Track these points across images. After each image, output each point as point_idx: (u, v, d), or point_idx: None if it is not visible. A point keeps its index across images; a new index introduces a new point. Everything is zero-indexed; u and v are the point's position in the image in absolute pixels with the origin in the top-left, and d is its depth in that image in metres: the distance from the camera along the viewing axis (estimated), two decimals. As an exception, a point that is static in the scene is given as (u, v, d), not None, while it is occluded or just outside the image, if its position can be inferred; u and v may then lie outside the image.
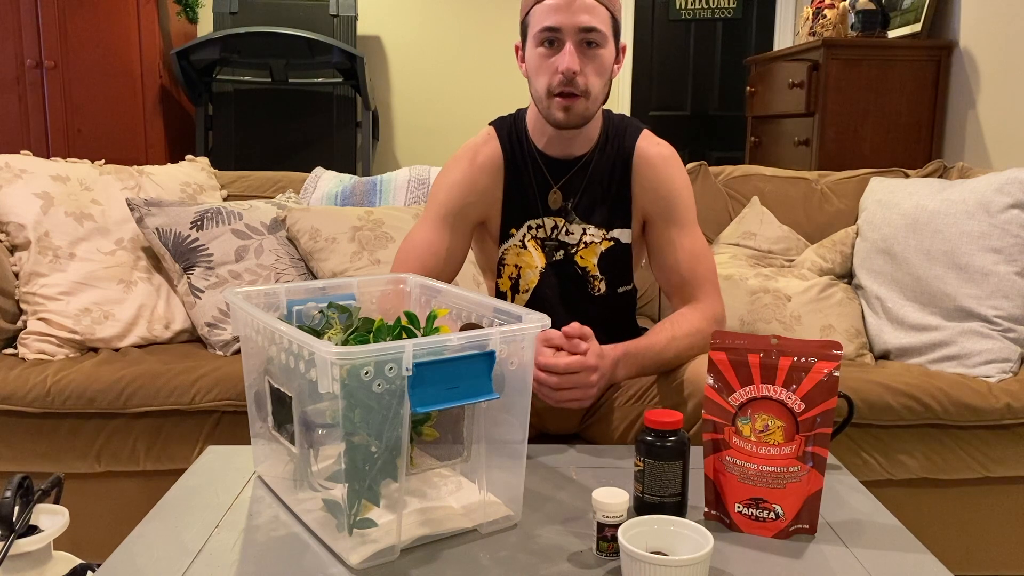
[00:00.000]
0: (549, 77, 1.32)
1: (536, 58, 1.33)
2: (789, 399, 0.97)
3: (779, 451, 0.98)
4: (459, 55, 4.44)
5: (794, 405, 0.97)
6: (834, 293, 2.04)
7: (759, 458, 0.99)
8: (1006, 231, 1.88)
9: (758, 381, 0.99)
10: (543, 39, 1.31)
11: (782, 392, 0.98)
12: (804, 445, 0.98)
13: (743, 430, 1.00)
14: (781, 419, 0.98)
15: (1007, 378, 1.80)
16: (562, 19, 1.28)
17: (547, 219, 1.45)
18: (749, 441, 0.99)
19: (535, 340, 0.99)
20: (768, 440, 0.98)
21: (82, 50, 3.54)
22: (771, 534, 1.00)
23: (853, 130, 2.83)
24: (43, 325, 1.88)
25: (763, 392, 0.99)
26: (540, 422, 1.51)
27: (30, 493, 0.98)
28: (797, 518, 0.99)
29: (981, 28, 2.69)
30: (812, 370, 0.97)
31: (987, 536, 1.81)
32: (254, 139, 3.85)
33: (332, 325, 1.07)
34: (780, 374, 0.98)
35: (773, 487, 0.99)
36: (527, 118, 1.47)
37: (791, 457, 0.98)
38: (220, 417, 1.76)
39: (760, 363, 0.99)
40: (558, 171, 1.44)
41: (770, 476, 0.99)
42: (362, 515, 0.91)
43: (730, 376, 1.01)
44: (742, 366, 1.00)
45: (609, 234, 1.46)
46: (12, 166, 2.03)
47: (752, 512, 1.00)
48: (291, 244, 2.09)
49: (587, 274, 1.47)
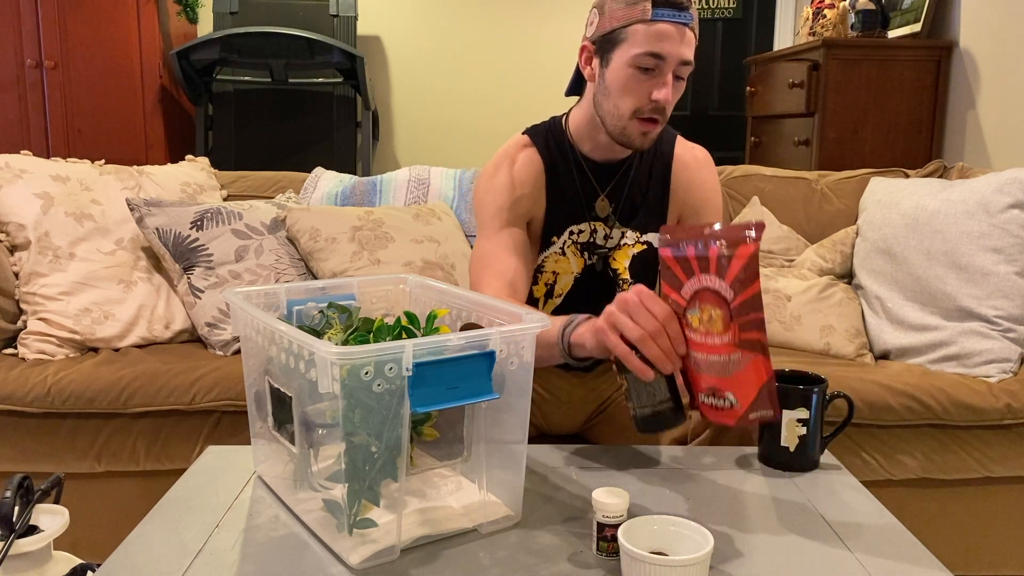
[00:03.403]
0: (639, 101, 1.28)
1: (627, 78, 1.28)
2: (721, 288, 0.97)
3: (720, 340, 0.98)
4: (459, 55, 4.44)
5: (725, 292, 0.97)
6: (834, 293, 2.04)
7: (707, 348, 1.00)
8: (1006, 231, 1.88)
9: (697, 272, 0.99)
10: (643, 63, 1.26)
11: (715, 280, 0.98)
12: (740, 331, 0.97)
13: (692, 321, 1.01)
14: (720, 307, 0.98)
15: (1007, 378, 1.80)
16: (670, 49, 1.25)
17: (589, 224, 1.43)
18: (698, 332, 1.00)
19: (534, 339, 0.99)
20: (712, 330, 0.99)
21: (82, 50, 3.54)
22: (732, 421, 1.01)
23: (853, 130, 2.83)
24: (43, 325, 1.88)
25: (703, 283, 0.99)
26: (540, 422, 1.51)
27: (30, 493, 0.98)
28: (754, 405, 0.99)
29: (981, 28, 2.69)
30: (735, 255, 0.96)
31: (987, 536, 1.81)
32: (254, 139, 3.85)
33: (332, 325, 1.07)
34: (711, 264, 0.98)
35: (722, 376, 0.99)
36: (570, 123, 1.43)
37: (731, 345, 0.98)
38: (220, 417, 1.76)
39: (696, 256, 0.99)
40: (603, 176, 1.43)
41: (717, 365, 0.99)
42: (362, 515, 0.91)
43: (676, 270, 1.02)
44: (683, 260, 1.01)
45: (643, 237, 1.45)
46: (12, 166, 2.03)
47: (712, 401, 1.02)
48: (291, 244, 2.09)
49: (617, 277, 1.46)
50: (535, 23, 4.44)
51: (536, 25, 4.44)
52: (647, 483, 1.12)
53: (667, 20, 1.24)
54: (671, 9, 1.24)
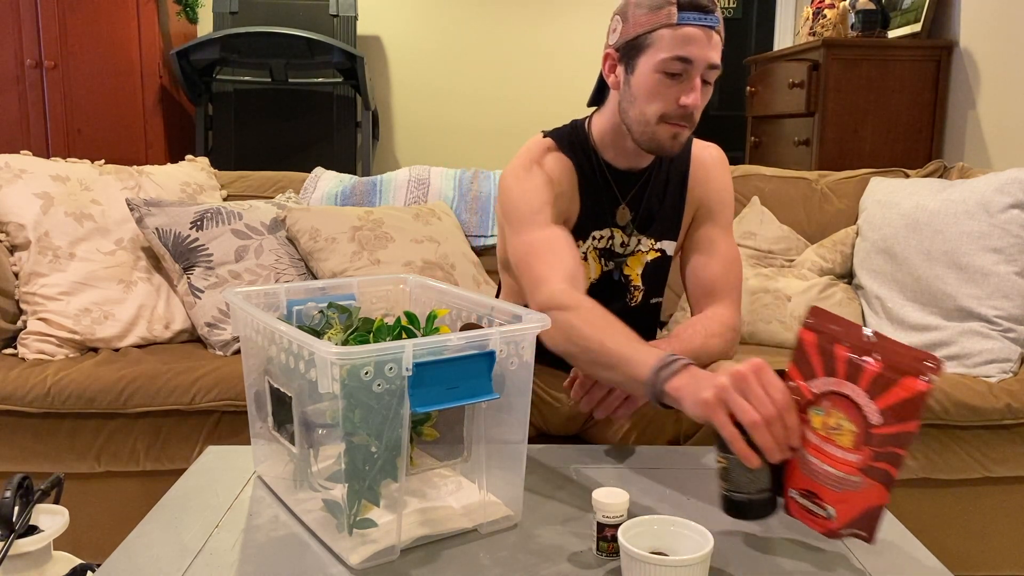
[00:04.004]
0: (667, 105, 1.26)
1: (654, 83, 1.26)
2: (867, 407, 0.87)
3: (843, 455, 0.88)
4: (459, 55, 4.44)
5: (871, 415, 0.87)
6: (834, 293, 2.04)
7: (823, 455, 0.90)
8: (1006, 231, 1.88)
9: (841, 375, 0.89)
10: (670, 68, 1.24)
11: (862, 396, 0.87)
12: (871, 459, 0.87)
13: (814, 420, 0.91)
14: (855, 423, 0.87)
15: (1007, 378, 1.80)
16: (697, 52, 1.23)
17: (610, 231, 1.42)
18: (817, 434, 0.91)
19: (534, 338, 0.99)
20: (836, 440, 0.89)
21: (82, 50, 3.54)
22: (821, 530, 0.93)
23: (853, 130, 2.83)
24: (43, 325, 1.88)
25: (843, 389, 0.88)
26: (540, 422, 1.51)
27: (30, 493, 0.98)
28: (852, 524, 0.91)
29: (981, 28, 2.69)
30: (900, 383, 0.85)
31: (987, 536, 1.81)
32: (254, 139, 3.85)
33: (332, 325, 1.07)
34: (865, 377, 0.87)
35: (830, 487, 0.90)
36: (592, 129, 1.41)
37: (854, 466, 0.88)
38: (220, 417, 1.76)
39: (847, 359, 0.88)
40: (623, 184, 1.41)
41: (828, 476, 0.90)
42: (362, 515, 0.91)
43: (815, 360, 0.91)
44: (828, 354, 0.90)
45: (657, 244, 1.45)
46: (12, 166, 2.03)
47: (805, 503, 0.93)
48: (291, 244, 2.09)
49: (629, 283, 1.45)
50: (535, 23, 4.44)
51: (536, 25, 4.44)
52: (647, 483, 1.12)
53: (693, 24, 1.22)
54: (697, 12, 1.22)
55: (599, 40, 4.53)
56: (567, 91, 4.53)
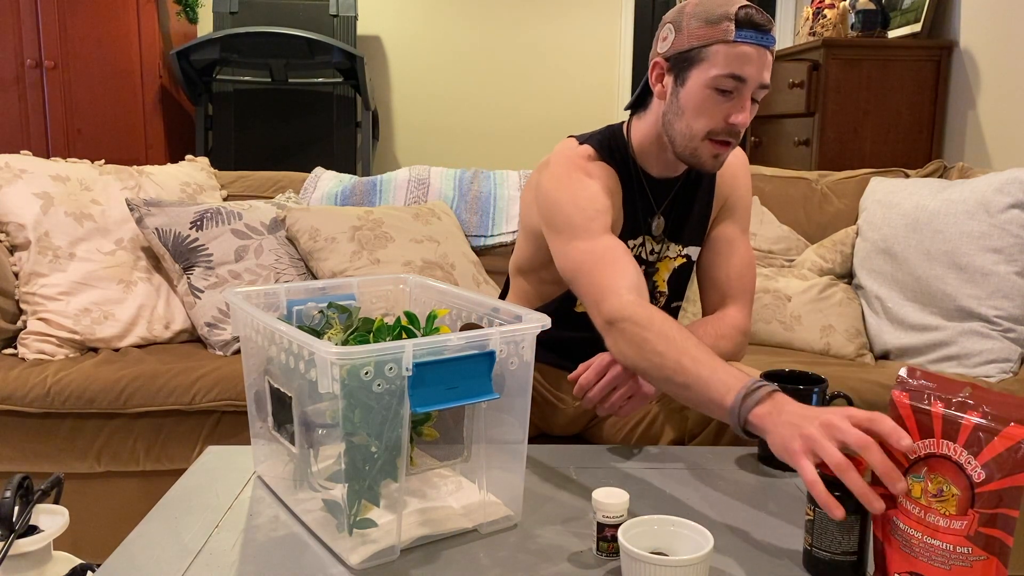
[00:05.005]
0: (715, 122, 1.24)
1: (704, 99, 1.23)
2: (968, 464, 0.79)
3: (948, 524, 0.80)
4: (459, 55, 4.44)
5: (972, 472, 0.79)
6: (834, 293, 2.04)
7: (925, 527, 0.81)
8: (1006, 231, 1.88)
9: (939, 435, 0.81)
10: (723, 85, 1.22)
11: (961, 454, 0.80)
12: (978, 523, 0.78)
13: (914, 490, 0.83)
14: (958, 486, 0.80)
15: (1007, 378, 1.80)
16: (752, 72, 1.21)
17: (642, 238, 1.41)
18: (918, 504, 0.82)
19: (534, 339, 0.99)
20: (939, 508, 0.81)
21: (82, 50, 3.54)
22: None
23: (853, 130, 2.83)
24: (43, 325, 1.88)
25: (942, 450, 0.81)
26: (541, 422, 1.51)
27: (30, 493, 0.98)
28: None
29: (981, 28, 2.69)
30: (1002, 434, 0.77)
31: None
32: (254, 139, 3.85)
33: (332, 325, 1.07)
34: (963, 432, 0.80)
35: (936, 565, 0.81)
36: (632, 138, 1.38)
37: (961, 535, 0.79)
38: (220, 417, 1.76)
39: (943, 416, 0.81)
40: (659, 193, 1.40)
41: (934, 551, 0.81)
42: (362, 515, 0.91)
43: (910, 422, 0.84)
44: (923, 413, 0.83)
45: (684, 251, 1.45)
46: (12, 166, 2.03)
47: None
48: (291, 244, 2.09)
49: (655, 290, 1.44)
50: (535, 23, 4.44)
51: (536, 25, 4.44)
52: (647, 483, 1.12)
53: (750, 42, 1.20)
54: (755, 31, 1.20)
55: (599, 41, 4.53)
56: (567, 91, 4.53)
